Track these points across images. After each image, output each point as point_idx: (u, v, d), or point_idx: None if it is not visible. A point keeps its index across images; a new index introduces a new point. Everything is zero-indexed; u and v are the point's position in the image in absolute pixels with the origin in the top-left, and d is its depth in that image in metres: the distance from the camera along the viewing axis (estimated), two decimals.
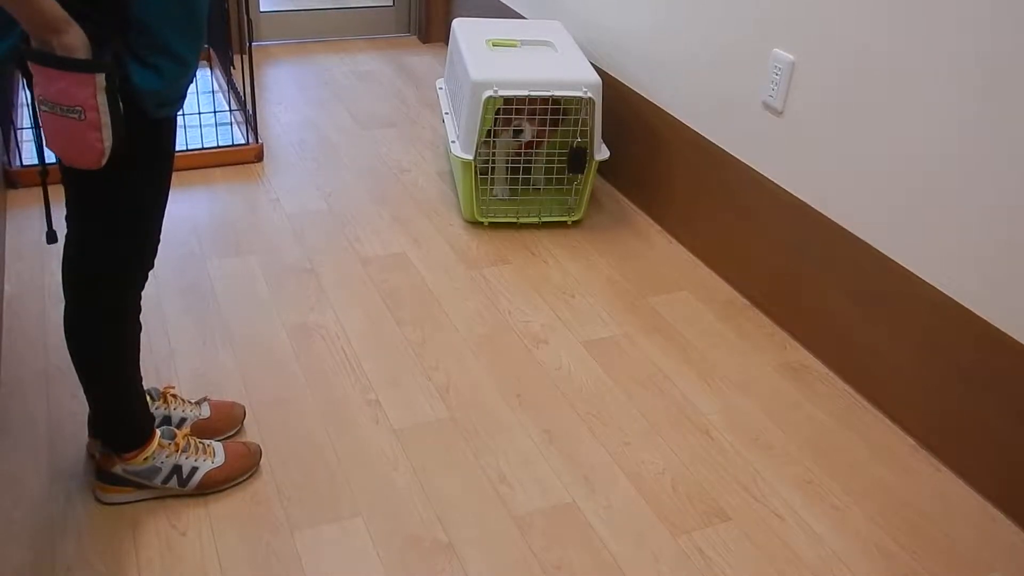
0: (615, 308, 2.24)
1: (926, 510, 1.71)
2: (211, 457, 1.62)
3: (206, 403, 1.76)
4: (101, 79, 1.12)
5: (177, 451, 1.58)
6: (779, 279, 2.19)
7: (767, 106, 2.15)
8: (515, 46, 2.62)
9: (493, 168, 2.55)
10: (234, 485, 1.64)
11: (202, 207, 2.55)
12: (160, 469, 1.57)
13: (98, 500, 1.59)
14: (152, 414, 1.59)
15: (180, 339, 2.01)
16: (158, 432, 1.58)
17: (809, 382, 2.03)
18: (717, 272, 2.41)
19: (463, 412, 1.87)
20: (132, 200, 1.33)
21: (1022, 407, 1.65)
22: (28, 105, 1.29)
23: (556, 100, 2.42)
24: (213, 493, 1.62)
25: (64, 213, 1.35)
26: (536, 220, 2.58)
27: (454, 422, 1.84)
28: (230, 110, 3.04)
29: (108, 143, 1.17)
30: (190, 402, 1.75)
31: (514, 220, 2.57)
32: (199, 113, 2.90)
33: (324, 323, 2.11)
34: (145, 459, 1.55)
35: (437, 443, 1.79)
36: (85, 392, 1.52)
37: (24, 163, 2.59)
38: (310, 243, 2.42)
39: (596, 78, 2.42)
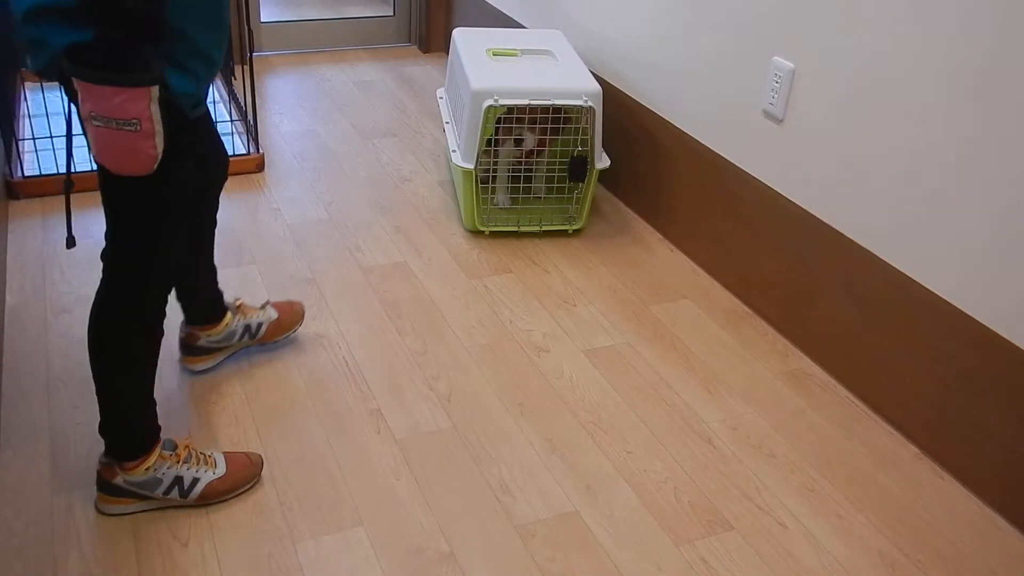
0: (617, 317, 2.24)
1: (929, 518, 1.71)
2: (212, 468, 1.62)
3: (270, 306, 1.98)
4: (155, 90, 1.18)
5: (178, 462, 1.58)
6: (781, 287, 2.18)
7: (767, 114, 2.15)
8: (515, 55, 2.63)
9: (494, 177, 2.55)
10: (235, 496, 1.64)
11: None
12: (161, 480, 1.57)
13: (99, 511, 1.59)
14: (158, 425, 1.59)
15: None
16: (160, 443, 1.58)
17: (811, 390, 2.02)
18: (719, 280, 2.41)
19: (465, 421, 1.87)
20: (172, 197, 1.38)
21: None
22: (66, 116, 1.33)
23: (557, 109, 2.43)
24: (214, 504, 1.62)
25: (58, 224, 1.36)
26: (537, 229, 2.58)
27: (456, 431, 1.84)
28: (231, 120, 3.05)
29: (160, 148, 1.22)
30: (258, 308, 1.96)
31: (515, 229, 2.57)
32: None
33: (325, 333, 2.11)
34: (146, 469, 1.55)
35: (439, 452, 1.78)
36: (97, 394, 1.51)
37: (26, 174, 2.59)
38: (311, 253, 2.42)
39: (596, 87, 2.42)
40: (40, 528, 1.56)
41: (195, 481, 1.59)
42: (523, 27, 3.30)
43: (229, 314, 1.92)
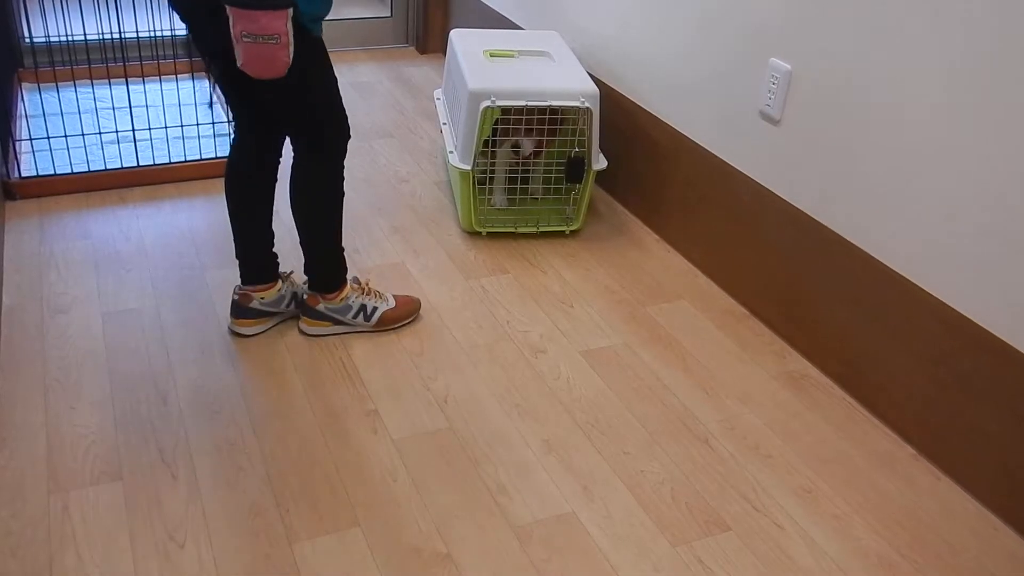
0: (614, 318, 2.24)
1: (927, 519, 1.71)
2: (386, 301, 2.10)
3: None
4: (290, 11, 1.58)
5: (363, 293, 2.07)
6: (778, 288, 2.19)
7: (764, 115, 2.15)
8: (512, 56, 2.63)
9: (492, 178, 2.55)
10: (402, 325, 2.12)
11: (201, 219, 2.55)
12: (351, 307, 2.05)
13: (302, 332, 2.07)
14: (347, 266, 2.06)
15: (178, 350, 2.01)
16: (349, 279, 2.05)
17: (808, 391, 2.03)
18: (716, 281, 2.41)
19: (462, 422, 1.87)
20: (317, 84, 1.82)
21: (1022, 415, 1.65)
22: (232, 39, 1.66)
23: (554, 110, 2.43)
24: (387, 330, 2.09)
25: (56, 224, 1.36)
26: (534, 230, 2.58)
27: (453, 432, 1.84)
28: (229, 121, 3.04)
29: (291, 57, 1.63)
30: (302, 283, 2.15)
31: (512, 230, 2.57)
32: (198, 124, 2.90)
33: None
34: (341, 299, 2.04)
35: (436, 453, 1.78)
36: (310, 244, 2.00)
37: (23, 175, 2.59)
38: None
39: (593, 88, 2.42)
40: (36, 529, 1.56)
41: (375, 309, 2.07)
42: (520, 28, 3.30)
43: (280, 280, 2.11)
